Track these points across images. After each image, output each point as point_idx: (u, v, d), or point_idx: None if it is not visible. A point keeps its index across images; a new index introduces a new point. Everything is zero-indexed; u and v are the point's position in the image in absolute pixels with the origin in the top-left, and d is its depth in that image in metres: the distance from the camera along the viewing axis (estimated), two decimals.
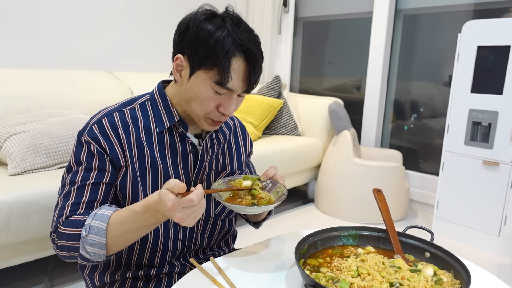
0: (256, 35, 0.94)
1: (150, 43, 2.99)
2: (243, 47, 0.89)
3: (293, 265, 0.94)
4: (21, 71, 2.20)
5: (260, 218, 1.17)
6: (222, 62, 0.88)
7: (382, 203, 1.03)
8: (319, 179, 2.84)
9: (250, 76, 0.92)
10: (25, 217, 1.45)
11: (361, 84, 3.21)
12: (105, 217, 0.87)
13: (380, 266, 0.88)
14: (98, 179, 0.93)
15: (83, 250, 0.87)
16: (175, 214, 0.78)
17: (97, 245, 0.86)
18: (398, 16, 2.97)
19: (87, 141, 0.94)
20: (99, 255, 0.87)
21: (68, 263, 1.88)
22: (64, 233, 0.89)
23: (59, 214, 0.91)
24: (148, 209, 0.83)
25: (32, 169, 1.66)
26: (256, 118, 2.74)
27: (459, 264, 0.86)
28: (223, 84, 0.90)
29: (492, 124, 2.16)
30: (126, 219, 0.86)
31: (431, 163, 2.92)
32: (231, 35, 0.89)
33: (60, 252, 0.91)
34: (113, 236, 0.86)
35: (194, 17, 0.92)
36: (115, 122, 0.96)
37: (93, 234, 0.85)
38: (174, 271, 1.05)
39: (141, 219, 0.85)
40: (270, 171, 0.99)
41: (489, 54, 2.14)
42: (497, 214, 2.19)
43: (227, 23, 0.90)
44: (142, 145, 0.97)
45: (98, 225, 0.86)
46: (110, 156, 0.94)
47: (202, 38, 0.89)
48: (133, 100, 1.03)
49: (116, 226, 0.86)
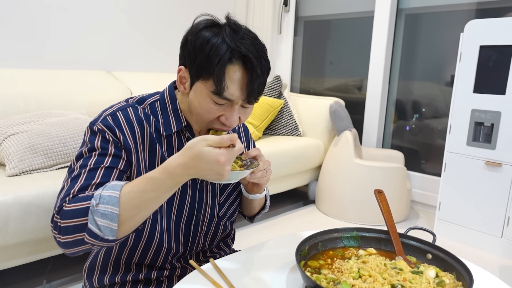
0: (257, 42, 0.90)
1: (149, 43, 2.99)
2: (239, 53, 0.86)
3: (294, 267, 0.94)
4: (19, 71, 2.19)
5: (254, 210, 1.16)
6: (216, 70, 0.85)
7: (383, 204, 1.03)
8: (320, 180, 2.84)
9: (249, 83, 0.87)
10: (23, 218, 1.44)
11: (362, 84, 3.21)
12: (117, 186, 0.80)
13: (382, 267, 0.88)
14: (113, 164, 0.88)
15: (92, 224, 0.77)
16: (225, 168, 0.77)
17: (109, 216, 0.77)
18: (400, 15, 2.96)
19: (101, 129, 0.90)
20: (111, 229, 0.78)
21: (67, 265, 1.88)
22: (69, 210, 0.80)
23: (65, 194, 0.83)
24: (172, 174, 0.78)
25: (31, 170, 1.65)
26: (256, 119, 2.73)
27: (461, 266, 0.86)
28: (220, 94, 0.87)
29: (495, 125, 2.15)
30: (145, 187, 0.79)
31: (433, 164, 2.91)
32: (226, 42, 0.86)
33: (63, 238, 0.80)
34: (128, 206, 0.79)
35: (194, 26, 0.91)
36: (129, 116, 0.94)
37: (104, 203, 0.77)
38: (174, 274, 1.05)
39: (163, 185, 0.79)
40: (252, 151, 0.98)
41: (491, 54, 2.13)
42: (500, 215, 2.18)
43: (224, 30, 0.88)
44: (154, 143, 0.96)
45: (110, 194, 0.78)
46: (124, 147, 0.91)
47: (198, 46, 0.87)
48: (143, 100, 1.01)
49: (132, 196, 0.79)
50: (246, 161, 0.97)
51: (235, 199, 1.14)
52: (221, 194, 1.09)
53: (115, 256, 1.02)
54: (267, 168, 1.00)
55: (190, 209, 1.03)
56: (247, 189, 1.08)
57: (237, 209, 1.17)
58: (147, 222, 0.97)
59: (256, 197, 1.09)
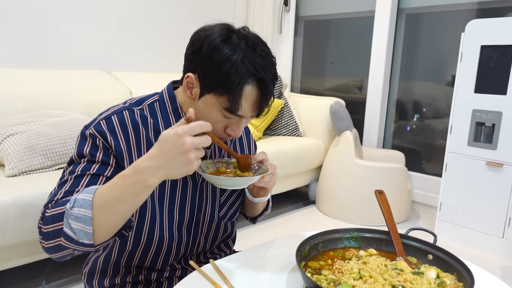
0: (272, 60, 0.91)
1: (149, 42, 2.98)
2: (257, 76, 0.87)
3: (294, 268, 0.94)
4: (18, 71, 2.18)
5: (257, 212, 1.17)
6: (235, 90, 0.85)
7: (384, 205, 1.03)
8: (320, 180, 2.83)
9: (262, 103, 0.91)
10: (22, 219, 1.44)
11: (363, 84, 3.20)
12: (92, 189, 0.78)
13: (382, 268, 0.87)
14: (100, 172, 0.88)
15: (67, 227, 0.76)
16: (185, 140, 0.72)
17: (82, 219, 0.76)
18: (401, 15, 2.96)
19: (92, 134, 0.90)
20: (85, 232, 0.76)
21: (66, 266, 1.88)
22: (49, 216, 0.79)
23: (49, 200, 0.84)
24: (137, 169, 0.75)
25: (30, 170, 1.65)
26: (256, 119, 2.72)
27: (462, 267, 0.86)
28: (234, 112, 0.88)
29: (496, 125, 2.14)
30: (113, 185, 0.77)
31: (434, 164, 2.90)
32: (245, 62, 0.85)
33: (46, 243, 0.80)
34: (98, 207, 0.76)
35: (210, 36, 0.88)
36: (124, 120, 0.93)
37: (78, 207, 0.76)
38: (175, 275, 1.04)
39: (128, 183, 0.75)
40: (259, 155, 0.98)
41: (492, 54, 2.13)
42: (501, 215, 2.17)
43: (241, 46, 0.87)
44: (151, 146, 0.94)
45: (84, 197, 0.77)
46: (115, 153, 0.90)
47: (216, 62, 0.86)
48: (141, 101, 1.00)
49: (101, 196, 0.77)
50: (253, 165, 0.97)
51: (235, 199, 1.13)
52: (221, 194, 1.08)
53: (114, 260, 1.01)
54: (273, 171, 1.00)
55: (190, 210, 1.02)
56: (253, 192, 1.08)
57: (238, 209, 1.17)
58: (145, 225, 0.96)
59: (261, 200, 1.09)
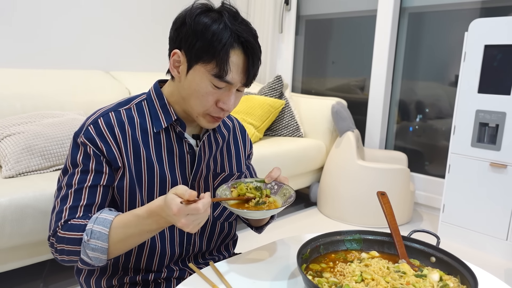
0: (253, 28, 0.94)
1: (147, 42, 2.99)
2: (241, 38, 0.89)
3: (295, 270, 0.93)
4: (15, 70, 2.19)
5: (263, 223, 1.16)
6: (221, 54, 0.87)
7: (386, 207, 1.03)
8: (321, 181, 2.82)
9: (249, 68, 0.92)
10: (20, 220, 1.43)
11: (365, 84, 3.19)
12: (107, 221, 0.87)
13: (385, 271, 0.87)
14: (95, 182, 0.93)
15: (84, 255, 0.88)
16: (180, 220, 0.78)
17: (98, 249, 0.87)
18: (403, 14, 2.95)
19: (83, 143, 0.93)
20: (100, 259, 0.88)
21: (64, 268, 1.88)
22: (64, 237, 0.89)
23: (57, 218, 0.91)
24: (151, 214, 0.84)
25: (27, 172, 1.64)
26: (257, 119, 2.72)
27: (465, 269, 0.86)
28: (222, 77, 0.89)
29: (500, 125, 2.13)
30: (129, 223, 0.87)
31: (437, 165, 2.89)
32: (229, 27, 0.88)
33: (59, 256, 0.91)
34: (115, 240, 0.87)
35: (190, 11, 0.92)
36: (111, 121, 0.96)
37: (95, 239, 0.86)
38: (172, 276, 1.04)
39: (144, 223, 0.86)
40: (274, 173, 0.98)
41: (496, 53, 2.12)
42: (505, 217, 2.16)
43: (224, 16, 0.90)
44: (138, 146, 0.96)
45: (100, 230, 0.86)
46: (107, 158, 0.94)
47: (199, 31, 0.89)
48: (129, 100, 1.02)
49: (118, 231, 0.87)
50: (271, 184, 0.97)
51: None
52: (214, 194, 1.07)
53: (112, 261, 1.01)
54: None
55: None
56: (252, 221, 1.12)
57: None
58: None
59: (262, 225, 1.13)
